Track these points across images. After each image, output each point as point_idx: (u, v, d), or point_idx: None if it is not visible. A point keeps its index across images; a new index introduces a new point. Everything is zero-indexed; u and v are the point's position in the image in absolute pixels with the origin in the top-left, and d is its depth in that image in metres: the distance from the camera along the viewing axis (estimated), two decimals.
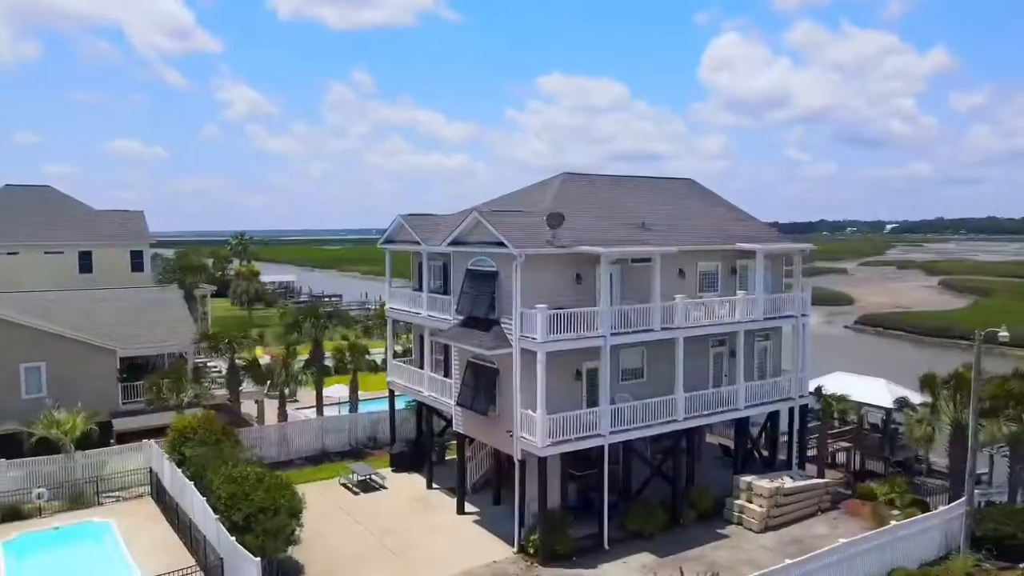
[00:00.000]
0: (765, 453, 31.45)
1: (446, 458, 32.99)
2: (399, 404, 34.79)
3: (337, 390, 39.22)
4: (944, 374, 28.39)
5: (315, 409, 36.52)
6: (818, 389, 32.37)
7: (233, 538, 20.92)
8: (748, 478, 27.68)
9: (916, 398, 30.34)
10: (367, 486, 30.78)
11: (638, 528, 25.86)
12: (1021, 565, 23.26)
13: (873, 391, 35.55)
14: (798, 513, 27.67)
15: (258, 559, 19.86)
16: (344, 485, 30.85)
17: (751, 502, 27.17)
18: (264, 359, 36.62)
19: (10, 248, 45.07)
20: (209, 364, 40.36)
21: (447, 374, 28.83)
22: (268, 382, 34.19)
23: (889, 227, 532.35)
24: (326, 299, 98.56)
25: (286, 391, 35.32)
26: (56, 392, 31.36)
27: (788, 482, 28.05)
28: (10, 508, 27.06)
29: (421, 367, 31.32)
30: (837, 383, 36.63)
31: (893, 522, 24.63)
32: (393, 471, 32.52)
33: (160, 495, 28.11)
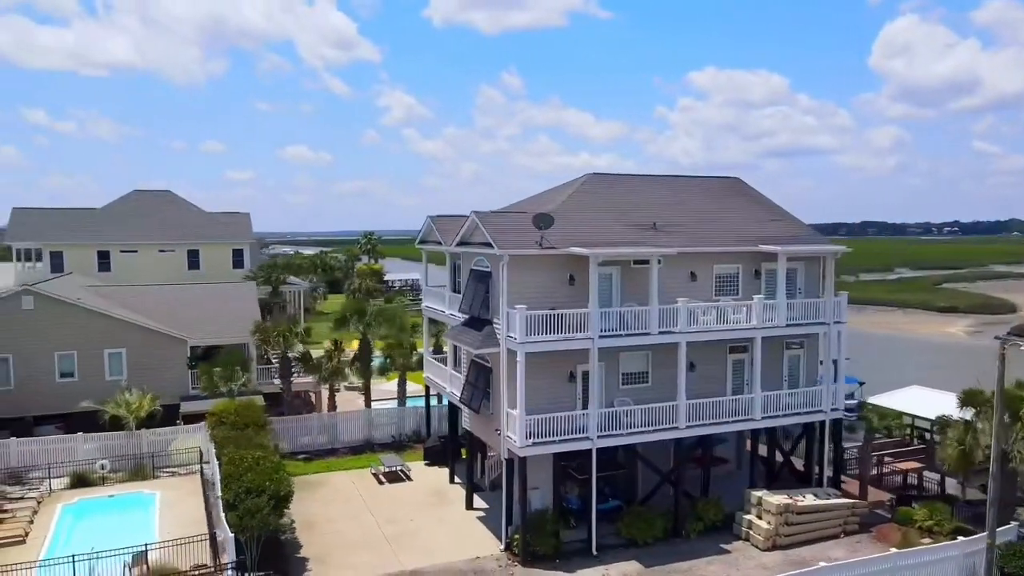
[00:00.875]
0: (802, 468, 29.59)
1: None
2: (445, 400, 35.70)
3: (393, 385, 40.83)
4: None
5: (364, 402, 38.29)
6: (860, 403, 29.95)
7: (224, 514, 22.81)
8: (759, 492, 26.20)
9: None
10: (394, 477, 32.05)
11: (633, 536, 25.29)
12: None
13: (948, 408, 32.43)
14: (815, 534, 25.82)
15: (232, 535, 21.54)
16: (374, 475, 32.31)
17: (760, 518, 25.71)
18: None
19: (132, 247, 50.84)
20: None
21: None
22: (318, 374, 36.32)
23: None
24: None
25: (335, 383, 37.32)
26: (135, 376, 35.17)
27: (809, 499, 26.29)
28: (80, 476, 30.71)
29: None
30: (906, 398, 33.84)
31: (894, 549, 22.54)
32: (426, 464, 33.64)
33: (204, 472, 30.82)
